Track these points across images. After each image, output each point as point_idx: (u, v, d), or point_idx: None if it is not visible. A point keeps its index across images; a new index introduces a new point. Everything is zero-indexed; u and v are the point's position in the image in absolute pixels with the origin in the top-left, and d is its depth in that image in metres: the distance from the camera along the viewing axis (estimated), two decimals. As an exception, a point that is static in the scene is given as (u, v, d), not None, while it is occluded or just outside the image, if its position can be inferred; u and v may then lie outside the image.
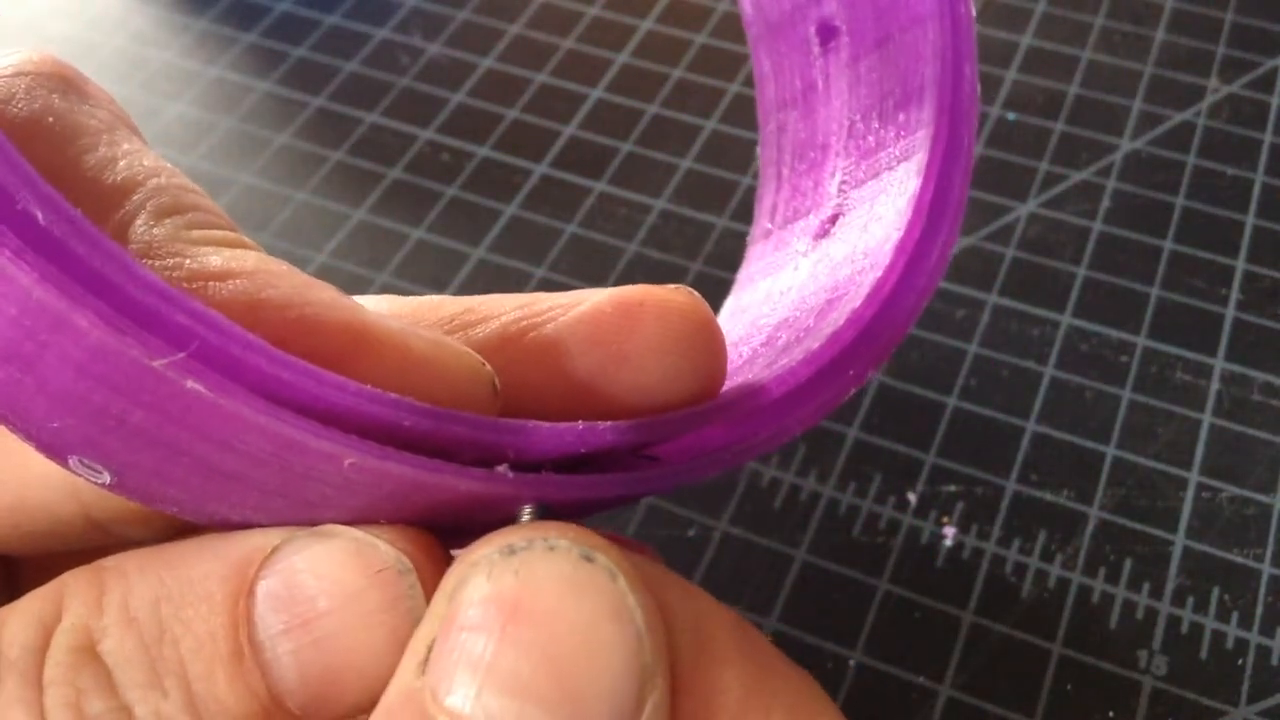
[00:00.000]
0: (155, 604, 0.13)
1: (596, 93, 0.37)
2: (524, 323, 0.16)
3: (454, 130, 0.36)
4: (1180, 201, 0.33)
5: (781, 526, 0.27)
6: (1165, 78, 0.36)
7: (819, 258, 0.19)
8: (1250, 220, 0.32)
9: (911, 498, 0.27)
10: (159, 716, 0.13)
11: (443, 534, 0.14)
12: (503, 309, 0.16)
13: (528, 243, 0.33)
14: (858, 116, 0.19)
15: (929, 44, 0.18)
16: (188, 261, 0.13)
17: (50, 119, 0.14)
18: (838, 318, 0.16)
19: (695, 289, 0.31)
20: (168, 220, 0.14)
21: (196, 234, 0.14)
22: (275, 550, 0.13)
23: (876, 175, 0.18)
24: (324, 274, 0.32)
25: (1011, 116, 0.35)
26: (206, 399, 0.12)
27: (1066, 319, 0.30)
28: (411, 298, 0.17)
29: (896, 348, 0.16)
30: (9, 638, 0.13)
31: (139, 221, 0.14)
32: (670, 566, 0.27)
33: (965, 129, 0.17)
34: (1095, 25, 0.38)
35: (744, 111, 0.36)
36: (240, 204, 0.34)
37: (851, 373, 0.16)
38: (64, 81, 0.15)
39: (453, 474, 0.13)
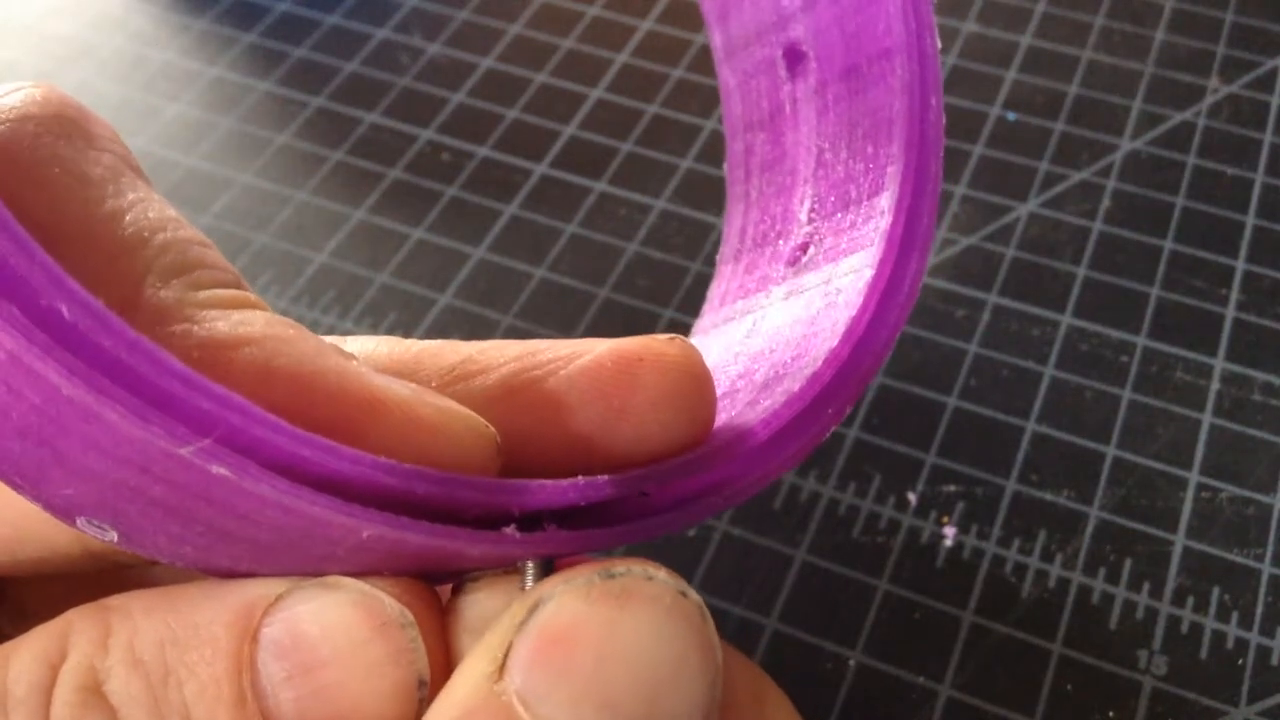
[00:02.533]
0: (160, 646, 0.14)
1: (596, 93, 0.37)
2: (524, 376, 0.16)
3: (454, 130, 0.36)
4: (1180, 201, 0.33)
5: (781, 526, 0.27)
6: (1165, 78, 0.36)
7: (791, 288, 0.19)
8: (1250, 220, 0.32)
9: (911, 498, 0.27)
10: None
11: (435, 578, 0.15)
12: (502, 359, 0.16)
13: (528, 243, 0.33)
14: (826, 145, 0.20)
15: (896, 77, 0.18)
16: (196, 328, 0.13)
17: (56, 169, 0.14)
18: (815, 357, 0.17)
19: (695, 289, 0.31)
20: (175, 282, 0.14)
21: (203, 295, 0.14)
22: (279, 599, 0.14)
23: (846, 207, 0.19)
24: (324, 274, 0.32)
25: (1011, 116, 0.35)
26: (231, 481, 0.12)
27: (1066, 319, 0.30)
28: (411, 342, 0.17)
29: (872, 380, 0.17)
30: (15, 675, 0.14)
31: (148, 282, 0.14)
32: (671, 567, 0.27)
33: (932, 163, 0.18)
34: (1095, 25, 0.38)
35: (744, 111, 0.36)
36: (240, 204, 0.34)
37: (831, 410, 0.16)
38: (69, 124, 0.15)
39: (465, 539, 0.13)
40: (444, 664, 0.14)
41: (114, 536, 0.13)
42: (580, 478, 0.15)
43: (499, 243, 0.33)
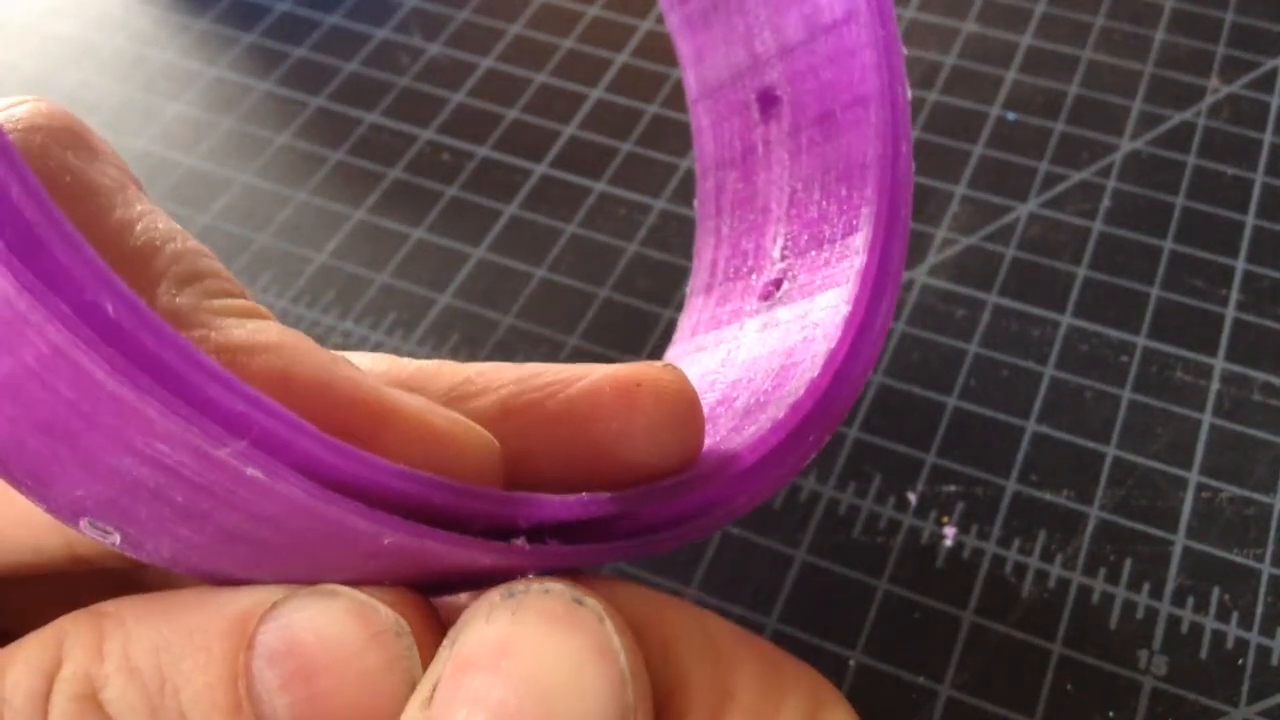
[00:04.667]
0: (155, 653, 0.14)
1: (596, 93, 0.37)
2: (522, 398, 0.16)
3: (454, 130, 0.36)
4: (1180, 201, 0.33)
5: (781, 526, 0.27)
6: (1165, 78, 0.36)
7: (766, 320, 0.20)
8: (1250, 220, 0.32)
9: (911, 498, 0.27)
10: None
11: (431, 588, 0.15)
12: (500, 381, 0.16)
13: (528, 243, 0.33)
14: (799, 185, 0.21)
15: (870, 124, 0.19)
16: (213, 334, 0.14)
17: (67, 178, 0.14)
18: (797, 386, 0.18)
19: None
20: (189, 289, 0.14)
21: (216, 304, 0.14)
22: (275, 606, 0.14)
23: (819, 245, 0.20)
24: (324, 274, 0.32)
25: (1011, 116, 0.35)
26: (261, 484, 0.12)
27: (1066, 319, 0.30)
28: (410, 361, 0.17)
29: (848, 411, 0.18)
30: (11, 684, 0.14)
31: (162, 289, 0.14)
32: (670, 567, 0.27)
33: (903, 206, 0.19)
34: (1095, 25, 0.38)
35: (744, 111, 0.36)
36: (240, 204, 0.34)
37: (812, 438, 0.17)
38: (75, 137, 0.15)
39: (479, 549, 0.14)
40: None
41: (117, 539, 0.13)
42: (584, 494, 0.15)
43: (499, 243, 0.33)
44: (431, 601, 0.15)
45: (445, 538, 0.13)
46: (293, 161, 0.35)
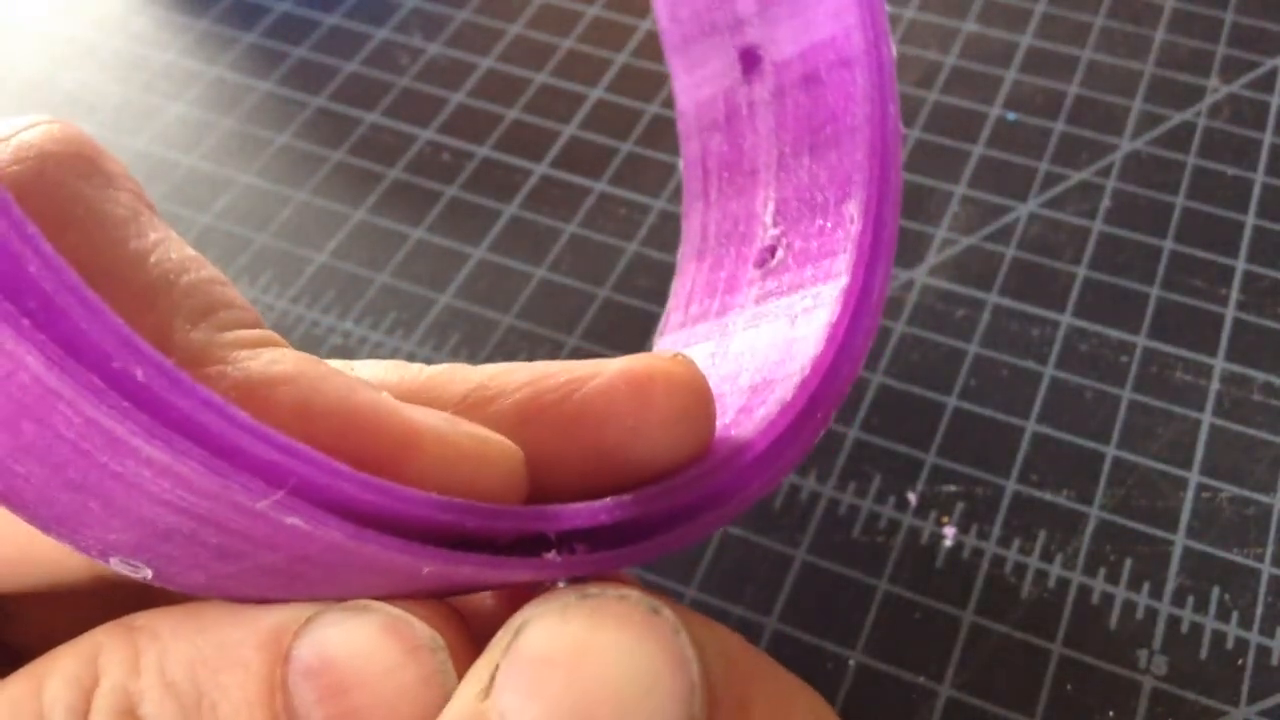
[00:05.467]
0: (191, 668, 0.14)
1: (596, 93, 0.37)
2: (538, 401, 0.16)
3: (454, 130, 0.36)
4: (1180, 201, 0.33)
5: (781, 526, 0.27)
6: (1165, 78, 0.36)
7: (763, 290, 0.20)
8: (1250, 220, 0.32)
9: (911, 498, 0.27)
10: None
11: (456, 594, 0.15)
12: (514, 385, 0.16)
13: (528, 243, 0.33)
14: (787, 149, 0.20)
15: (857, 86, 0.18)
16: (230, 369, 0.14)
17: (80, 209, 0.14)
18: (803, 364, 0.17)
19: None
20: (204, 323, 0.14)
21: (230, 336, 0.14)
22: (309, 621, 0.14)
23: (812, 211, 0.19)
24: (324, 274, 0.32)
25: (1011, 116, 0.35)
26: (301, 530, 0.12)
27: (1066, 319, 0.30)
28: (421, 368, 0.17)
29: (852, 383, 0.18)
30: (50, 699, 0.14)
31: (177, 325, 0.14)
32: (670, 567, 0.27)
33: (894, 170, 0.18)
34: (1095, 25, 0.38)
35: (744, 111, 0.36)
36: (240, 204, 0.34)
37: (820, 415, 0.17)
38: (88, 163, 0.15)
39: (512, 567, 0.14)
40: None
41: (148, 574, 0.13)
42: (609, 499, 0.15)
43: (499, 243, 0.33)
44: (463, 614, 0.15)
45: (482, 561, 0.14)
46: (293, 161, 0.35)
